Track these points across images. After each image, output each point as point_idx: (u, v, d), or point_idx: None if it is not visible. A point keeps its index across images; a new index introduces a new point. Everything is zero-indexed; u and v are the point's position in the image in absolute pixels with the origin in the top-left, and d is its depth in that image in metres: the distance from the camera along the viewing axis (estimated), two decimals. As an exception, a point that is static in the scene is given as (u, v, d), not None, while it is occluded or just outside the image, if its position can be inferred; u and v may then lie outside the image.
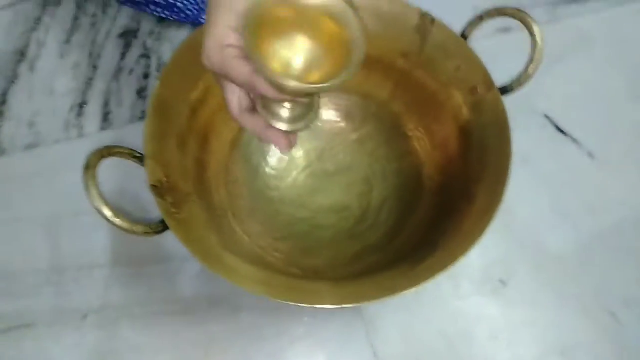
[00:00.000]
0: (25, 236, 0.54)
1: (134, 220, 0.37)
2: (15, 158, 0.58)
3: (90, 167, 0.35)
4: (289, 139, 0.37)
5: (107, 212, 0.35)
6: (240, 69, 0.32)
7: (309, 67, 0.34)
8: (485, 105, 0.46)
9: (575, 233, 0.55)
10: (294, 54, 0.34)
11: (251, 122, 0.36)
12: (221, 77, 0.35)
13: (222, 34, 0.33)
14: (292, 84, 0.30)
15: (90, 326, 0.50)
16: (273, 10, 0.32)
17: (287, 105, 0.36)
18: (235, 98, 0.36)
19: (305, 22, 0.33)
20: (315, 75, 0.33)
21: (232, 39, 0.33)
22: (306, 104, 0.37)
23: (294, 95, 0.33)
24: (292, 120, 0.37)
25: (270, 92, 0.32)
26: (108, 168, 0.41)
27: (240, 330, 0.50)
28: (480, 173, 0.44)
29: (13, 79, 0.62)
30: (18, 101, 0.61)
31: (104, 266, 0.53)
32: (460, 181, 0.47)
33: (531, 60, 0.44)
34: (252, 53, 0.31)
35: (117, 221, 0.35)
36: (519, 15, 0.44)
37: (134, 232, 0.36)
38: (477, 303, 0.52)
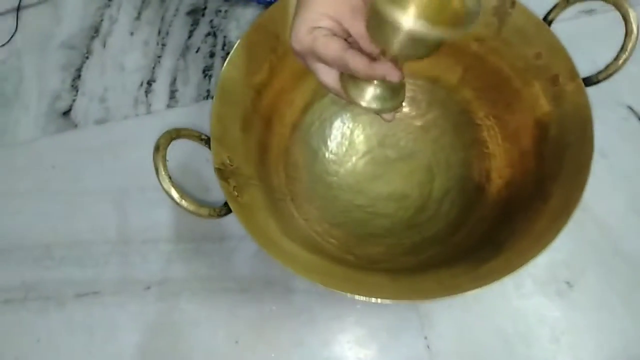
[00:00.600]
0: (95, 208, 0.57)
1: (198, 200, 0.38)
2: (86, 132, 0.61)
3: (160, 148, 0.36)
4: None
5: (175, 194, 0.36)
6: (331, 45, 0.32)
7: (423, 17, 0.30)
8: (566, 96, 0.43)
9: (654, 237, 0.51)
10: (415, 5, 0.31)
11: (354, 63, 0.32)
12: (312, 59, 0.35)
13: (314, 18, 0.32)
14: (419, 27, 0.27)
15: (153, 297, 0.52)
16: None
17: (376, 81, 0.35)
18: (329, 76, 0.35)
19: None
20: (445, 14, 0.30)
21: (324, 22, 0.33)
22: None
23: (401, 52, 0.30)
24: (381, 98, 0.35)
25: (360, 66, 0.31)
26: (173, 144, 0.42)
27: (293, 312, 0.50)
28: (557, 170, 0.41)
29: (87, 54, 0.64)
30: (91, 76, 0.63)
31: (167, 241, 0.54)
32: (532, 177, 0.44)
33: (623, 49, 0.40)
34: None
35: (184, 203, 0.36)
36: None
37: (199, 215, 0.37)
38: (540, 304, 0.50)
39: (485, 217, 0.48)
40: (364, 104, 0.35)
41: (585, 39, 0.61)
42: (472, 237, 0.47)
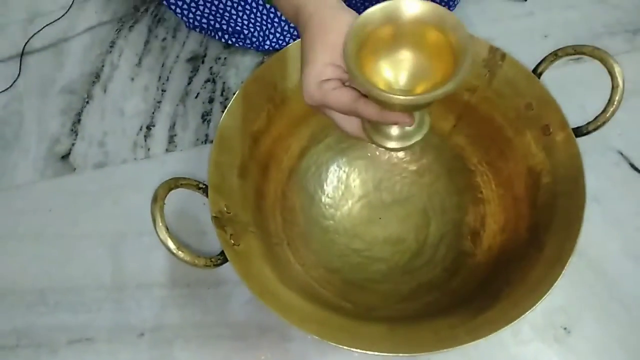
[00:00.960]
0: (90, 252, 0.56)
1: (194, 246, 0.38)
2: (84, 176, 0.61)
3: (158, 199, 0.36)
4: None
5: (172, 245, 0.36)
6: (341, 98, 0.33)
7: (416, 80, 0.33)
8: (557, 146, 0.44)
9: (650, 281, 0.51)
10: (399, 70, 0.33)
11: (366, 112, 0.33)
12: (328, 111, 0.36)
13: (319, 71, 0.33)
14: (399, 98, 0.29)
15: (146, 344, 0.52)
16: (373, 30, 0.32)
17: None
18: (347, 123, 0.36)
19: (406, 35, 0.32)
20: (424, 87, 0.32)
21: (329, 73, 0.34)
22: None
23: (402, 111, 0.32)
24: (406, 136, 0.36)
25: (373, 114, 0.32)
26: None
27: (290, 361, 0.50)
28: (550, 219, 0.42)
29: (87, 99, 0.66)
30: (91, 121, 0.64)
31: (161, 286, 0.54)
32: (526, 224, 0.45)
33: (610, 102, 0.41)
34: (355, 76, 0.31)
35: (180, 254, 0.36)
36: (598, 54, 0.41)
37: (195, 265, 0.37)
38: (538, 350, 0.49)
39: (481, 263, 0.48)
40: (390, 145, 0.36)
41: (574, 86, 0.63)
42: (468, 284, 0.47)
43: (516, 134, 0.48)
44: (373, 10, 0.32)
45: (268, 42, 0.63)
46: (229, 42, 0.64)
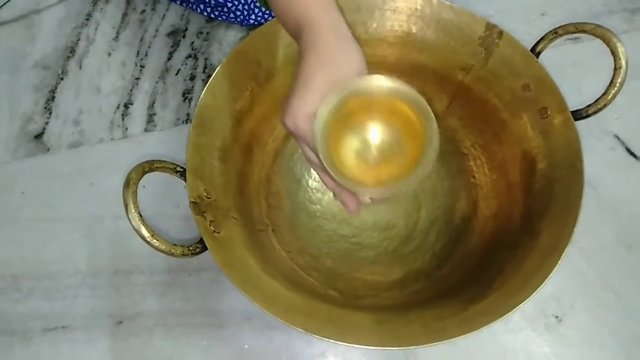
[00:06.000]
0: (65, 236, 0.54)
1: (174, 233, 0.35)
2: (59, 156, 0.58)
3: (130, 183, 0.34)
4: (358, 203, 0.37)
5: (145, 233, 0.34)
6: None
7: (386, 156, 0.34)
8: (554, 130, 0.42)
9: (643, 270, 0.50)
10: (369, 144, 0.34)
11: (324, 179, 0.36)
12: (303, 143, 0.35)
13: (313, 101, 0.31)
14: (367, 191, 0.33)
15: (125, 332, 0.50)
16: (346, 106, 0.32)
17: None
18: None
19: (379, 111, 0.33)
20: (392, 165, 0.34)
21: None
22: None
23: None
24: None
25: (329, 184, 0.35)
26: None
27: (274, 350, 0.48)
28: (545, 206, 0.40)
29: (62, 75, 0.62)
30: (65, 98, 0.61)
31: (140, 272, 0.52)
32: (520, 211, 0.43)
33: (612, 84, 0.39)
34: (325, 159, 0.32)
35: (155, 242, 0.34)
36: (601, 33, 0.39)
37: (172, 254, 0.35)
38: (528, 339, 0.48)
39: (472, 250, 0.47)
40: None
41: (571, 67, 0.61)
42: (458, 271, 0.46)
43: (512, 117, 0.46)
44: (349, 84, 0.32)
45: (253, 17, 0.60)
46: (212, 15, 0.61)
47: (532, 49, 0.44)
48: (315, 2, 0.33)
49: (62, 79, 0.62)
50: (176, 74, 0.61)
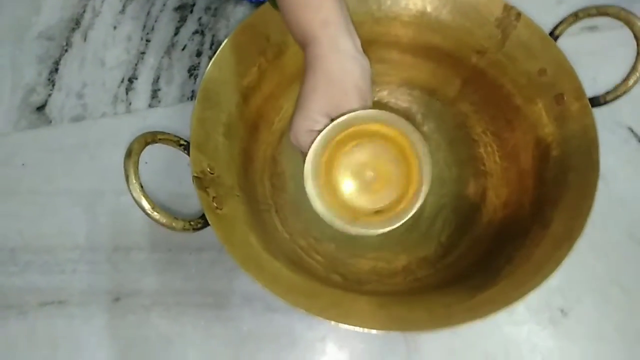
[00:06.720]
0: (65, 210, 0.53)
1: (175, 209, 0.34)
2: (61, 129, 0.57)
3: (132, 154, 0.32)
4: None
5: (146, 205, 0.33)
6: None
7: (381, 187, 0.37)
8: (571, 117, 0.40)
9: (654, 265, 0.49)
10: (364, 176, 0.38)
11: None
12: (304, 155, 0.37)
13: (313, 118, 0.35)
14: (361, 231, 0.36)
15: (122, 309, 0.49)
16: (337, 139, 0.36)
17: None
18: None
19: (372, 143, 0.37)
20: (385, 193, 0.38)
21: (321, 124, 0.35)
22: None
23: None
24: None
25: None
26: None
27: (273, 333, 0.47)
28: (558, 194, 0.39)
29: (66, 47, 0.61)
30: (69, 71, 0.60)
31: (140, 249, 0.51)
32: (531, 199, 0.42)
33: (634, 70, 0.38)
34: (316, 205, 0.37)
35: (156, 215, 0.33)
36: (625, 16, 0.38)
37: (172, 228, 0.34)
38: (532, 332, 0.47)
39: (480, 239, 0.46)
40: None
41: (587, 56, 0.59)
42: (465, 259, 0.45)
43: (526, 102, 0.44)
44: (339, 121, 0.35)
45: (263, -6, 0.58)
46: (221, -10, 0.59)
47: (551, 33, 0.42)
48: (319, 20, 0.34)
49: (66, 50, 0.61)
50: (182, 50, 0.60)
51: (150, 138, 0.34)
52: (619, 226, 0.51)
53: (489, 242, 0.44)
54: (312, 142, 0.35)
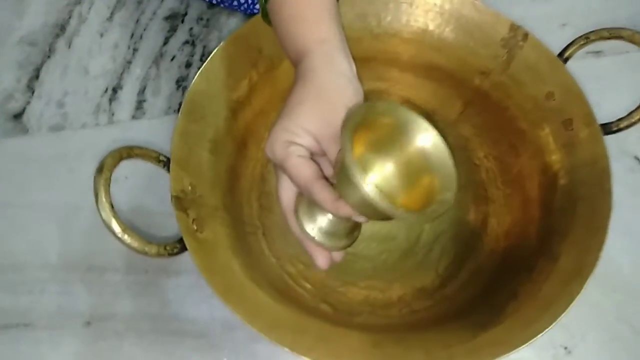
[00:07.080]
0: (38, 226, 0.49)
1: (154, 232, 0.31)
2: (38, 139, 0.54)
3: (104, 169, 0.30)
4: (330, 256, 0.36)
5: (116, 227, 0.29)
6: (302, 170, 0.31)
7: (402, 183, 0.33)
8: (580, 143, 0.38)
9: (661, 302, 0.46)
10: (388, 165, 0.33)
11: (321, 196, 0.32)
12: (279, 170, 0.34)
13: (294, 131, 0.31)
14: (387, 206, 0.27)
15: (92, 335, 0.45)
16: (374, 117, 0.31)
17: (331, 217, 0.34)
18: (287, 194, 0.35)
19: (403, 134, 0.32)
20: (408, 193, 0.32)
21: (303, 139, 0.31)
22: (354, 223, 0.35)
23: (374, 218, 0.31)
24: (331, 235, 0.34)
25: (327, 200, 0.30)
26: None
27: (256, 366, 0.44)
28: (567, 226, 0.36)
29: (49, 53, 0.58)
30: (50, 78, 0.57)
31: (115, 270, 0.47)
32: (537, 230, 0.39)
33: (647, 96, 0.36)
34: (350, 162, 0.28)
35: (126, 239, 0.30)
36: (639, 39, 0.35)
37: (145, 253, 0.31)
38: (534, 369, 0.44)
39: (481, 269, 0.43)
40: (314, 236, 0.34)
41: (591, 81, 0.57)
42: (465, 291, 0.42)
43: (532, 127, 0.42)
44: (372, 105, 0.31)
45: (258, 6, 0.56)
46: (214, 1, 0.57)
47: (560, 55, 0.40)
48: (316, 37, 0.33)
49: (48, 57, 0.58)
50: (171, 60, 0.57)
51: (126, 153, 0.31)
52: (626, 259, 0.48)
53: (491, 274, 0.41)
54: (287, 156, 0.31)
